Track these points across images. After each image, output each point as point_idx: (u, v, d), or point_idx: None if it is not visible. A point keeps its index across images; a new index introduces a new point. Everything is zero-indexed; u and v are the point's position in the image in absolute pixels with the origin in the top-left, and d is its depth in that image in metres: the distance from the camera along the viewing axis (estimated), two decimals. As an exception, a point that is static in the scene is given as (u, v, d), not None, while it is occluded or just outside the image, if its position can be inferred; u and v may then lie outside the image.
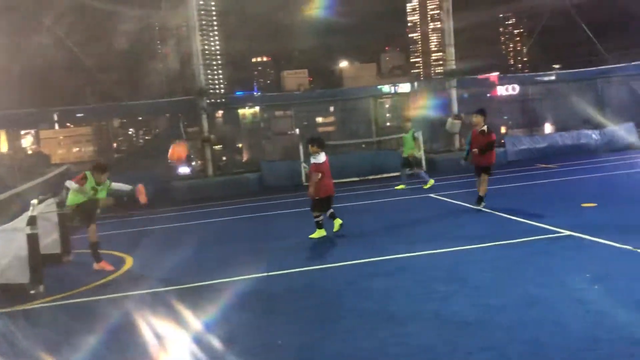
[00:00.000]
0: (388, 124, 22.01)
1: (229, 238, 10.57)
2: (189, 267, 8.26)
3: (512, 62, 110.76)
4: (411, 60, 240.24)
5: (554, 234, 8.22)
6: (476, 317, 5.19)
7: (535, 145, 18.42)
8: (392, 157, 18.31)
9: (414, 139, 14.86)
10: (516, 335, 4.68)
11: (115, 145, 27.17)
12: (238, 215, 13.24)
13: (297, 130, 21.67)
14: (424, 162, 17.76)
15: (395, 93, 21.02)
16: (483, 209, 10.52)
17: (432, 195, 13.20)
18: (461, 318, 5.19)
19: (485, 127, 10.48)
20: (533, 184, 13.60)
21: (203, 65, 18.43)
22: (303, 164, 14.45)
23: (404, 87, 21.10)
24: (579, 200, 10.55)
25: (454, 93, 19.02)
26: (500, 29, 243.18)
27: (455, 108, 18.91)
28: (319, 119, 23.83)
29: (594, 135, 18.74)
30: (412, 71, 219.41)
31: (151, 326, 5.63)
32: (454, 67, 19.86)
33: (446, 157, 18.27)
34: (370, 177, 17.53)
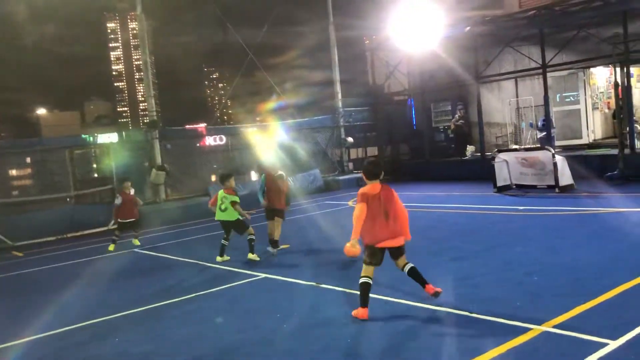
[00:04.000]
0: (95, 175, 20.69)
1: None
2: None
3: (218, 113, 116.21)
4: (118, 109, 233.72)
5: (252, 277, 8.67)
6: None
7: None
8: (95, 211, 17.28)
9: None
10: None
11: None
12: None
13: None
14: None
15: (99, 143, 19.89)
16: (200, 262, 10.52)
17: (137, 250, 12.72)
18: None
19: (281, 172, 10.81)
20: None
21: None
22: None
23: (111, 137, 20.18)
24: (275, 243, 11.36)
25: (157, 144, 18.90)
26: (206, 82, 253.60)
27: (158, 159, 18.78)
28: (13, 172, 21.13)
29: (288, 181, 20.62)
30: (120, 120, 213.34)
31: None
32: (155, 118, 19.81)
33: (153, 208, 17.92)
34: (70, 235, 16.10)
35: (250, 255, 9.88)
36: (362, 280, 6.07)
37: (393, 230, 6.09)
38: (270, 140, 21.90)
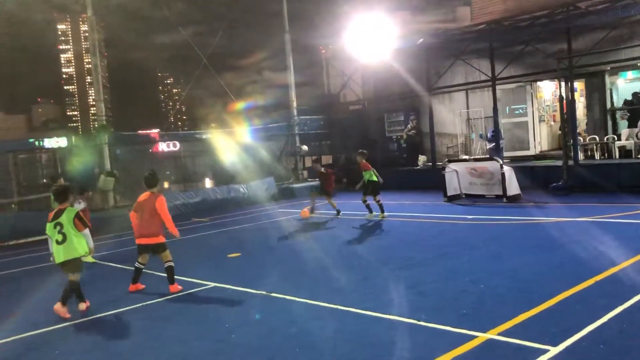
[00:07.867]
0: (45, 180, 20.00)
1: None
2: None
3: (172, 119, 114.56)
4: (68, 113, 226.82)
5: (201, 287, 8.51)
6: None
7: (189, 200, 19.11)
8: (40, 218, 16.65)
9: None
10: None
11: None
12: None
13: None
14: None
15: (47, 148, 19.34)
16: (147, 271, 10.23)
17: (82, 259, 12.28)
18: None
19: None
20: (187, 238, 13.96)
21: None
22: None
23: (60, 142, 19.59)
24: (226, 251, 11.23)
25: (106, 149, 18.41)
26: (160, 87, 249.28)
27: (108, 164, 18.30)
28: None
29: (242, 188, 20.49)
30: (70, 125, 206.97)
31: None
32: (104, 122, 19.32)
33: (101, 215, 17.41)
34: (12, 243, 15.48)
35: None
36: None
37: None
38: (224, 147, 21.70)
